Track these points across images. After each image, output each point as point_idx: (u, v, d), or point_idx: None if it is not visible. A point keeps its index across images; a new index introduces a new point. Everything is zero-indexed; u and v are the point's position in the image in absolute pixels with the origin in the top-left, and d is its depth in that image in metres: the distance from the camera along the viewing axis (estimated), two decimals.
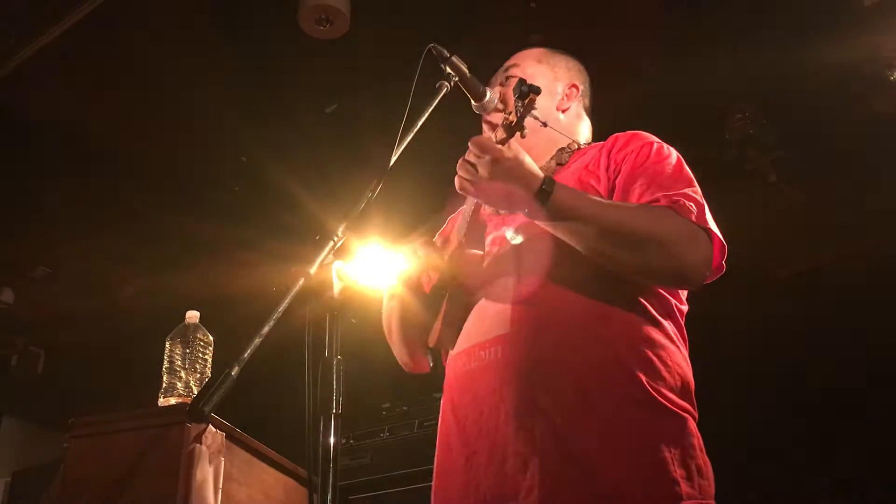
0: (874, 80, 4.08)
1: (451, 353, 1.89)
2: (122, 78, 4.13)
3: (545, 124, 1.82)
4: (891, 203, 4.47)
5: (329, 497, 1.21)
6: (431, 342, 1.93)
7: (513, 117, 1.68)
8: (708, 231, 1.71)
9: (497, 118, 2.03)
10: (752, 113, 4.39)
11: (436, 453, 1.88)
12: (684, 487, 1.57)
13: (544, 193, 1.63)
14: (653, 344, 1.73)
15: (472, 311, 1.86)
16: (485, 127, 2.06)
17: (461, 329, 1.87)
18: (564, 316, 1.73)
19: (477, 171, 1.64)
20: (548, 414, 1.63)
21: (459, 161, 1.68)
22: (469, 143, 1.67)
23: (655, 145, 1.88)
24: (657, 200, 1.73)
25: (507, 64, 2.18)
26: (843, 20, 3.82)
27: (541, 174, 1.66)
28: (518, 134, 1.68)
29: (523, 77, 2.03)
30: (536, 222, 1.71)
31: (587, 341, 1.70)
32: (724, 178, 4.56)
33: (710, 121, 4.42)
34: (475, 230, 1.90)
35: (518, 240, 1.88)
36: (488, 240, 1.95)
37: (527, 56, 2.20)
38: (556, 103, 2.11)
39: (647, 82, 3.91)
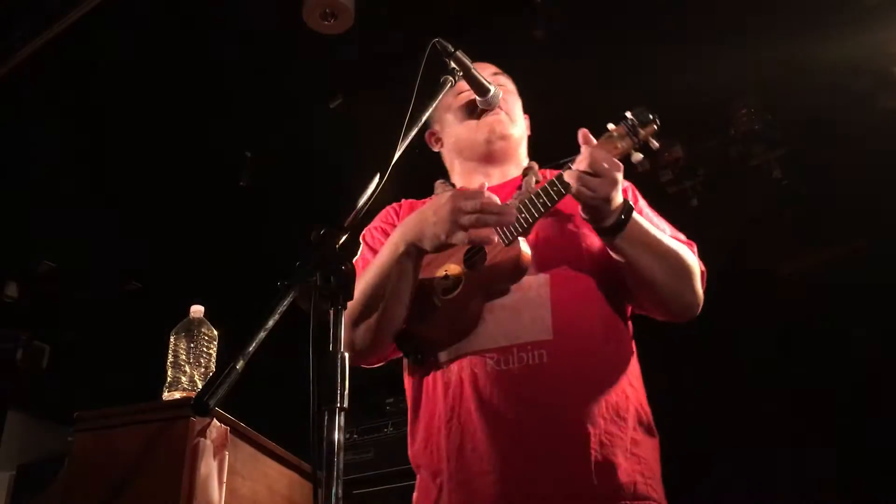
0: (878, 77, 4.08)
1: (466, 348, 1.83)
2: (123, 73, 4.13)
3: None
4: (895, 199, 4.46)
5: (333, 491, 1.21)
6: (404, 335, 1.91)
7: (628, 143, 1.79)
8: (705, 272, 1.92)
9: (492, 118, 2.08)
10: (758, 109, 4.38)
11: (434, 449, 1.82)
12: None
13: (627, 215, 1.76)
14: (636, 368, 1.90)
15: (496, 311, 1.82)
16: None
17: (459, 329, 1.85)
18: (592, 332, 1.83)
19: (603, 184, 1.70)
20: (593, 423, 1.72)
21: (580, 169, 1.72)
22: (598, 155, 1.72)
23: (632, 190, 2.03)
24: (678, 237, 1.91)
25: (497, 72, 2.21)
26: (847, 17, 3.82)
27: (621, 198, 1.77)
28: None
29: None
30: (608, 241, 1.80)
31: (610, 361, 1.84)
32: (729, 174, 4.56)
33: (715, 117, 4.41)
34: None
35: (540, 255, 1.87)
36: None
37: (508, 83, 2.24)
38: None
39: (652, 78, 3.90)
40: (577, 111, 1.88)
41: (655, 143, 1.82)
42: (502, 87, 2.14)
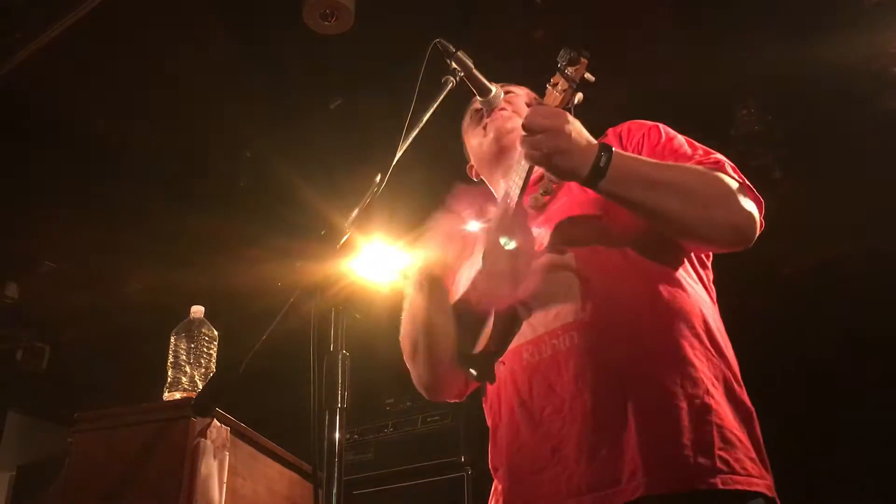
0: (879, 78, 4.08)
1: (510, 347, 1.81)
2: (125, 74, 4.13)
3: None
4: (895, 200, 4.46)
5: (334, 492, 1.21)
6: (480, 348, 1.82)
7: (566, 86, 1.70)
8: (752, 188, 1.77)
9: (496, 116, 2.07)
10: (758, 110, 4.38)
11: (497, 454, 1.81)
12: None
13: (605, 156, 1.62)
14: (708, 322, 1.75)
15: (529, 302, 1.79)
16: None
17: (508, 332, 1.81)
18: (634, 297, 1.71)
19: (545, 139, 1.61)
20: (635, 397, 1.61)
21: (523, 129, 1.64)
22: (533, 112, 1.65)
23: (661, 127, 1.94)
24: (702, 164, 1.78)
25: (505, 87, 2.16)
26: (848, 17, 3.82)
27: (594, 140, 1.65)
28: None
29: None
30: (597, 189, 1.65)
31: (654, 328, 1.68)
32: None
33: (715, 117, 4.41)
34: (514, 223, 1.81)
35: (563, 234, 1.83)
36: (536, 233, 1.87)
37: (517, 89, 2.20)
38: None
39: (653, 78, 3.90)
40: (577, 111, 1.87)
41: (591, 77, 1.73)
42: (511, 94, 2.14)
